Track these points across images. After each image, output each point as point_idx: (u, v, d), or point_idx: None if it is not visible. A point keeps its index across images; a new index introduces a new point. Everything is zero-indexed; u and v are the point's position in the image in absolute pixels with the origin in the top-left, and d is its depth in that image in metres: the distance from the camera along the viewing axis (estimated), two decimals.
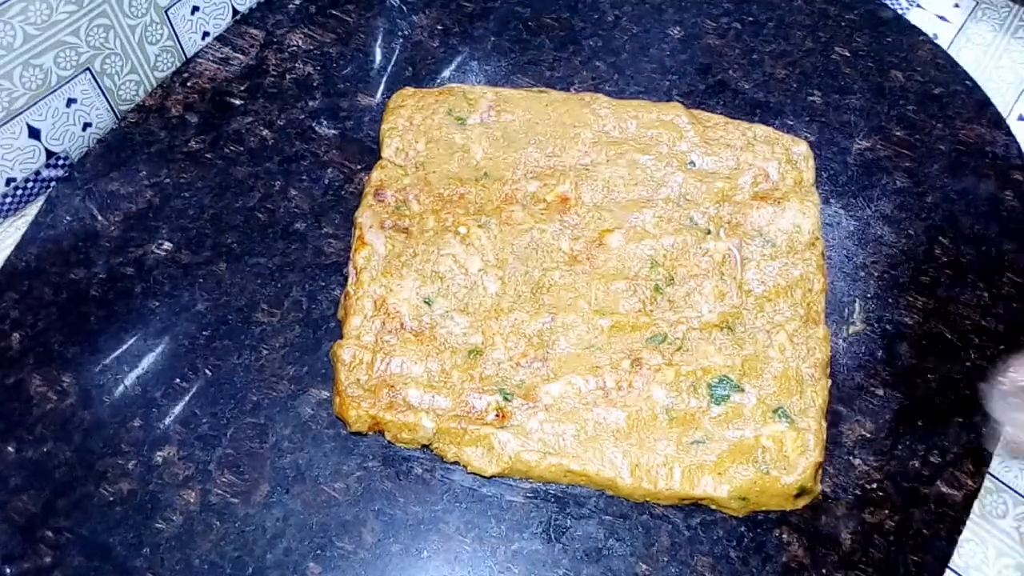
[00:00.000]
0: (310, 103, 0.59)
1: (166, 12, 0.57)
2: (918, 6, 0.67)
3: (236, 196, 0.56)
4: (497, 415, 0.47)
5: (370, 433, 0.48)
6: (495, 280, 0.50)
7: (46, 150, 0.55)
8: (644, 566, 0.45)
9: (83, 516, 0.46)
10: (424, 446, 0.47)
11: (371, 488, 0.47)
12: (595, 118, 0.56)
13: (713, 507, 0.46)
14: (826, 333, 0.49)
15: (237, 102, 0.59)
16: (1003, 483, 0.50)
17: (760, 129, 0.56)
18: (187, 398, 0.49)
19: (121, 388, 0.49)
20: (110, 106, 0.57)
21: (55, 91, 0.53)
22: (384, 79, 0.61)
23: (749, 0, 0.65)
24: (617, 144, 0.55)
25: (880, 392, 0.50)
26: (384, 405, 0.47)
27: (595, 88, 0.60)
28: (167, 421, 0.48)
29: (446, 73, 0.61)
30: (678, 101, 0.58)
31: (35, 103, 0.52)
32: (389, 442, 0.48)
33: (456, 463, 0.47)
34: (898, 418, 0.49)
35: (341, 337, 0.49)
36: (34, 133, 0.53)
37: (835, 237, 0.55)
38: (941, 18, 0.66)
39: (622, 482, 0.45)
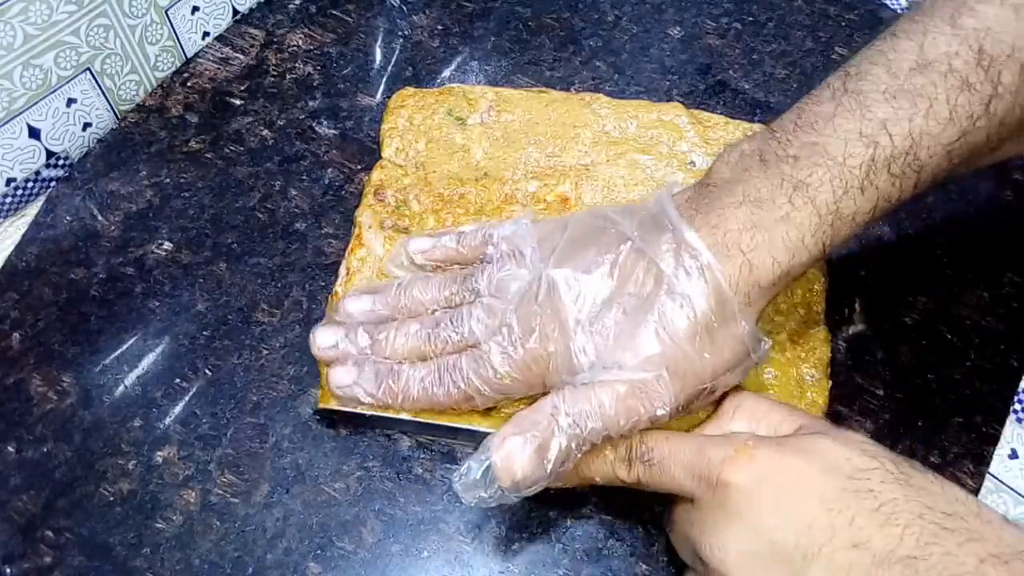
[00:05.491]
0: (310, 103, 0.59)
1: (166, 12, 0.57)
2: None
3: (236, 196, 0.56)
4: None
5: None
6: None
7: (46, 150, 0.55)
8: (644, 566, 0.45)
9: (83, 516, 0.46)
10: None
11: (371, 488, 0.47)
12: (595, 118, 0.56)
13: None
14: (826, 333, 0.49)
15: (237, 102, 0.59)
16: (1003, 483, 0.50)
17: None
18: (187, 398, 0.49)
19: (121, 388, 0.49)
20: (110, 106, 0.57)
21: (55, 91, 0.53)
22: (384, 79, 0.61)
23: (749, 0, 0.65)
24: (617, 144, 0.55)
25: (880, 392, 0.50)
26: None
27: (595, 88, 0.60)
28: (167, 421, 0.48)
29: (446, 73, 0.61)
30: (678, 101, 0.58)
31: (35, 103, 0.52)
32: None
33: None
34: (898, 418, 0.49)
35: None
36: (34, 133, 0.53)
37: None
38: None
39: None
